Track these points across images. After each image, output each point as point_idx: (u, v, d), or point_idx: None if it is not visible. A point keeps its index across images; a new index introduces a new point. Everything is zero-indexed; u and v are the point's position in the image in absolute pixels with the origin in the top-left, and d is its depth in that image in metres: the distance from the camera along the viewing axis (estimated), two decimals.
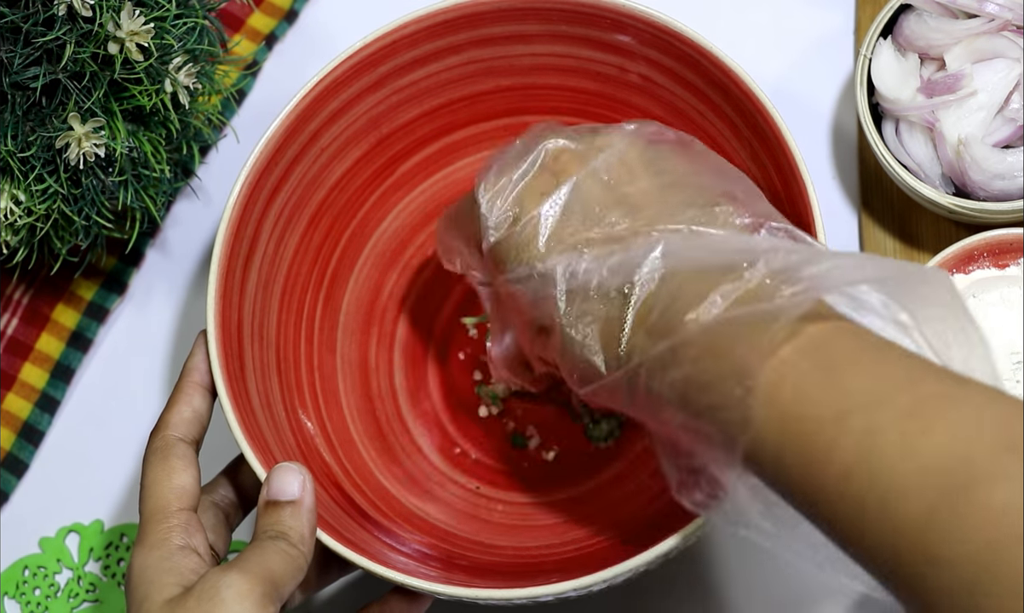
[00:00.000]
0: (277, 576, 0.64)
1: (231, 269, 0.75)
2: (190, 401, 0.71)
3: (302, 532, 0.66)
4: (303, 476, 0.67)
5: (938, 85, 0.79)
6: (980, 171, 0.78)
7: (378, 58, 0.78)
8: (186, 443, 0.69)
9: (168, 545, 0.65)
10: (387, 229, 0.84)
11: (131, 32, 0.72)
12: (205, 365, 0.71)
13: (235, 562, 0.64)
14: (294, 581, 0.65)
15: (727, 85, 0.76)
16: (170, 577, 0.64)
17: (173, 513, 0.66)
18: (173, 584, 0.63)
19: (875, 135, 0.80)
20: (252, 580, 0.62)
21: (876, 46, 0.81)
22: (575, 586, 0.67)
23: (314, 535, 0.67)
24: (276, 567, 0.64)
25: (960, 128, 0.79)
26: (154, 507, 0.67)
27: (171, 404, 0.71)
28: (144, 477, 0.68)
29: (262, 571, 0.63)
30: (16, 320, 0.88)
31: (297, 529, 0.66)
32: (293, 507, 0.66)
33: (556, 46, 0.80)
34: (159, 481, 0.68)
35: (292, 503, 0.66)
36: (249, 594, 0.62)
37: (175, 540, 0.65)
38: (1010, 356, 0.77)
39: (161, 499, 0.67)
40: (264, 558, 0.64)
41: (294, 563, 0.65)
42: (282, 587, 0.64)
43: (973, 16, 0.80)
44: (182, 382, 0.71)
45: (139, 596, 0.64)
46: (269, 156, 0.76)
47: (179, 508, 0.67)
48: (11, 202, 0.75)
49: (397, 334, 0.84)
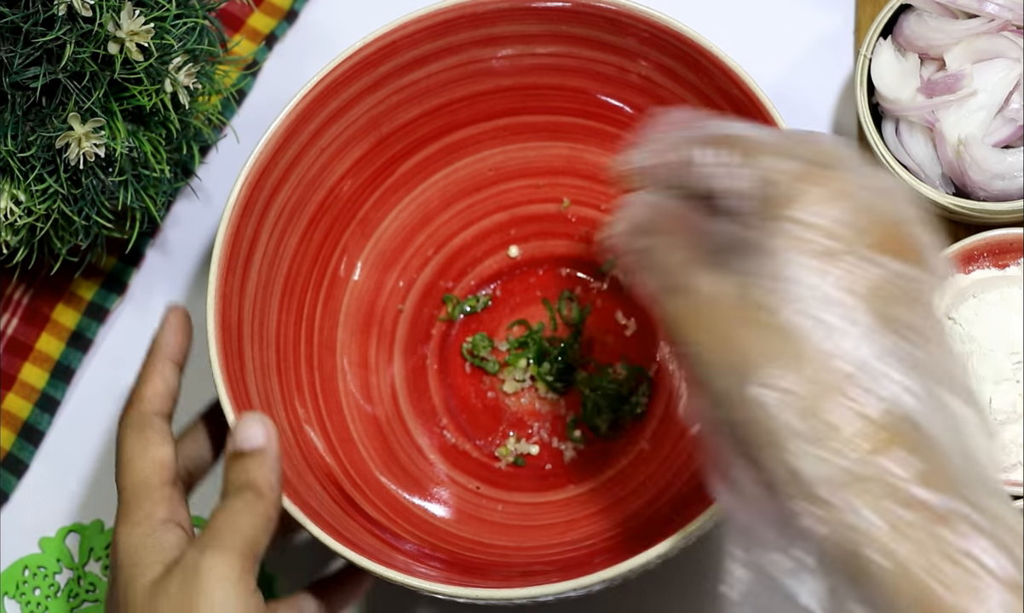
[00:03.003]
0: (252, 539, 0.64)
1: (231, 269, 0.75)
2: (163, 376, 0.71)
3: (269, 479, 0.66)
4: (266, 425, 0.67)
5: (938, 85, 0.79)
6: (980, 171, 0.78)
7: (378, 58, 0.78)
8: (161, 417, 0.70)
9: (151, 521, 0.65)
10: (387, 229, 0.84)
11: (131, 32, 0.72)
12: (174, 339, 0.72)
13: (210, 537, 0.63)
14: (267, 534, 0.65)
15: (727, 85, 0.76)
16: (152, 555, 0.64)
17: (154, 488, 0.67)
18: (156, 562, 0.64)
19: (875, 135, 0.80)
20: (230, 557, 0.62)
21: (876, 46, 0.81)
22: (575, 586, 0.67)
23: (281, 483, 0.67)
24: (248, 529, 0.64)
25: (960, 128, 0.79)
26: (135, 481, 0.67)
27: (143, 379, 0.71)
28: (121, 452, 0.68)
29: (238, 543, 0.63)
30: (16, 320, 0.88)
31: (264, 476, 0.66)
32: (258, 455, 0.66)
33: (556, 46, 0.80)
34: (137, 455, 0.68)
35: (258, 452, 0.67)
36: (229, 574, 0.62)
37: (158, 515, 0.66)
38: (1010, 356, 0.77)
39: (141, 473, 0.67)
40: (233, 523, 0.64)
41: (264, 515, 0.65)
42: (257, 547, 0.64)
43: (973, 16, 0.80)
44: (152, 358, 0.72)
45: (124, 577, 0.64)
46: (269, 156, 0.76)
47: (160, 483, 0.67)
48: (11, 202, 0.75)
49: (397, 334, 0.84)
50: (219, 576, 0.62)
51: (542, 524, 0.79)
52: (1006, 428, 0.76)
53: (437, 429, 0.83)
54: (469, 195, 0.85)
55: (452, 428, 0.83)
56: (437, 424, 0.83)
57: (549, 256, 0.86)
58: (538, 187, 0.85)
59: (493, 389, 0.84)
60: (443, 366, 0.84)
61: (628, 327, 0.84)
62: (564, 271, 0.86)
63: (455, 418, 0.83)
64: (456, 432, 0.83)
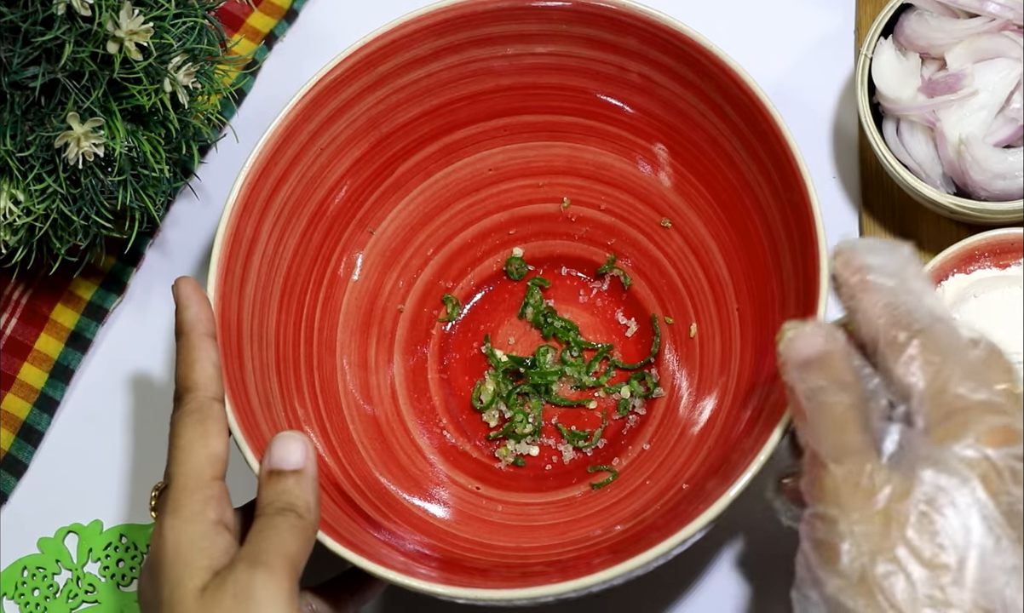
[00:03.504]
0: (296, 560, 0.64)
1: (230, 269, 0.75)
2: (208, 356, 0.70)
3: (308, 501, 0.66)
4: (305, 444, 0.67)
5: (939, 85, 0.79)
6: (981, 171, 0.78)
7: (377, 58, 0.78)
8: (219, 403, 0.69)
9: (203, 520, 0.65)
10: (387, 229, 0.84)
11: (130, 31, 0.72)
12: (204, 314, 0.71)
13: (259, 554, 0.63)
14: (307, 555, 0.65)
15: (727, 85, 0.75)
16: (203, 559, 0.64)
17: (207, 483, 0.66)
18: (206, 568, 0.63)
19: (876, 135, 0.80)
20: (280, 577, 0.62)
21: (877, 45, 0.81)
22: (575, 586, 0.67)
23: (319, 504, 0.67)
24: (293, 549, 0.64)
25: (961, 128, 0.78)
26: (188, 473, 0.66)
27: (191, 362, 0.69)
28: (178, 438, 0.67)
29: (285, 563, 0.63)
30: (15, 320, 0.88)
31: (304, 498, 0.66)
32: (298, 476, 0.66)
33: (556, 46, 0.80)
34: (194, 446, 0.67)
35: (296, 472, 0.66)
36: (279, 594, 0.62)
37: (210, 514, 0.65)
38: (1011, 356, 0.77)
39: (196, 466, 0.66)
40: (281, 543, 0.64)
41: (305, 536, 0.65)
42: (300, 568, 0.64)
43: (974, 16, 0.79)
44: (191, 338, 0.70)
45: (173, 576, 0.64)
46: (269, 156, 0.76)
47: (212, 477, 0.66)
48: (10, 202, 0.75)
49: (397, 334, 0.84)
50: (270, 597, 0.62)
51: (542, 524, 0.79)
52: None
53: (437, 429, 0.83)
54: (469, 195, 0.85)
55: (452, 428, 0.83)
56: (437, 424, 0.83)
57: (549, 256, 0.86)
58: (538, 187, 0.85)
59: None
60: (443, 366, 0.84)
61: (628, 327, 0.84)
62: (564, 271, 0.85)
63: (455, 418, 0.83)
64: (456, 432, 0.83)
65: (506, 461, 0.82)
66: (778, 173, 0.74)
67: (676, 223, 0.82)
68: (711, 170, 0.80)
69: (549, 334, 0.84)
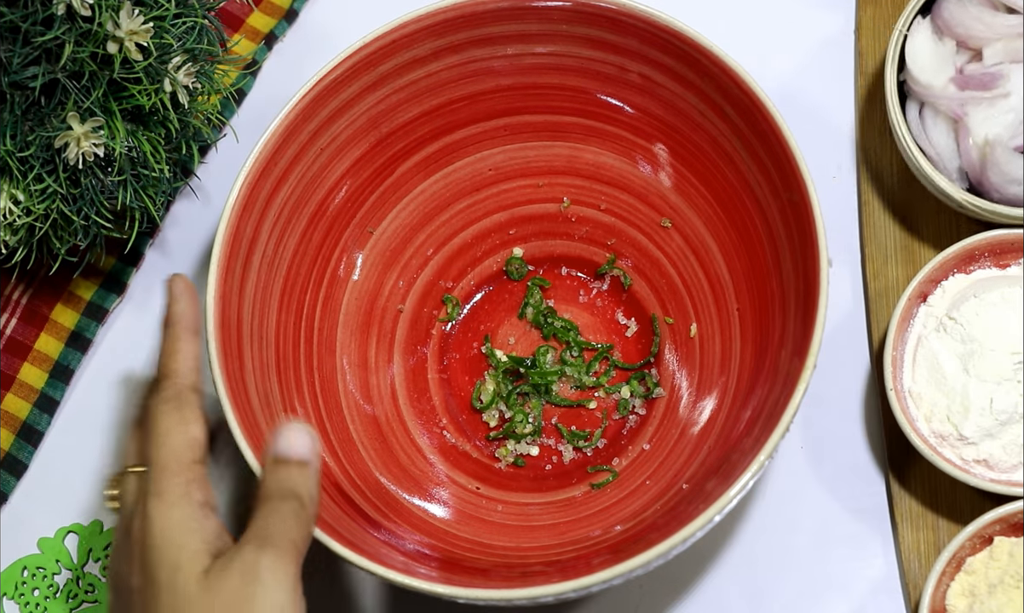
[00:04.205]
0: (301, 547, 0.65)
1: (230, 269, 0.75)
2: (190, 347, 0.71)
3: (312, 492, 0.66)
4: (312, 437, 0.68)
5: (973, 80, 0.77)
6: (1000, 174, 0.77)
7: (378, 58, 0.78)
8: (196, 392, 0.69)
9: (190, 502, 0.65)
10: (387, 229, 0.84)
11: (130, 31, 0.72)
12: (191, 310, 0.72)
13: (265, 537, 0.64)
14: (307, 545, 0.66)
15: (727, 85, 0.75)
16: (197, 541, 0.64)
17: (188, 465, 0.66)
18: (203, 552, 0.64)
19: (899, 115, 0.79)
20: (287, 560, 0.63)
21: (913, 23, 0.79)
22: (575, 586, 0.67)
23: (319, 498, 0.67)
24: (297, 536, 0.65)
25: (988, 128, 0.77)
26: (169, 456, 0.66)
27: (171, 353, 0.71)
28: (156, 425, 0.68)
29: (292, 547, 0.64)
30: (15, 320, 0.88)
31: (308, 489, 0.66)
32: (303, 467, 0.67)
33: (556, 46, 0.80)
34: (173, 431, 0.67)
35: (302, 462, 0.67)
36: (285, 577, 0.63)
37: (196, 495, 0.66)
38: (1011, 356, 0.77)
39: (176, 449, 0.67)
40: (288, 528, 0.64)
41: (308, 526, 0.66)
42: (303, 554, 0.65)
43: (1013, 11, 0.78)
44: (175, 330, 0.71)
45: (170, 559, 0.64)
46: (269, 156, 0.76)
47: (193, 460, 0.67)
48: (10, 202, 0.75)
49: (397, 334, 0.84)
50: (278, 579, 0.63)
51: (542, 524, 0.79)
52: (1007, 428, 0.76)
53: (437, 429, 0.83)
54: (469, 195, 0.85)
55: (452, 428, 0.83)
56: (437, 424, 0.83)
57: (549, 256, 0.86)
58: (538, 187, 0.85)
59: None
60: (443, 366, 0.84)
61: (628, 327, 0.84)
62: (564, 271, 0.85)
63: (455, 418, 0.83)
64: (456, 432, 0.83)
65: (506, 461, 0.82)
66: (778, 173, 0.74)
67: (676, 223, 0.82)
68: (711, 170, 0.80)
69: (549, 334, 0.84)
